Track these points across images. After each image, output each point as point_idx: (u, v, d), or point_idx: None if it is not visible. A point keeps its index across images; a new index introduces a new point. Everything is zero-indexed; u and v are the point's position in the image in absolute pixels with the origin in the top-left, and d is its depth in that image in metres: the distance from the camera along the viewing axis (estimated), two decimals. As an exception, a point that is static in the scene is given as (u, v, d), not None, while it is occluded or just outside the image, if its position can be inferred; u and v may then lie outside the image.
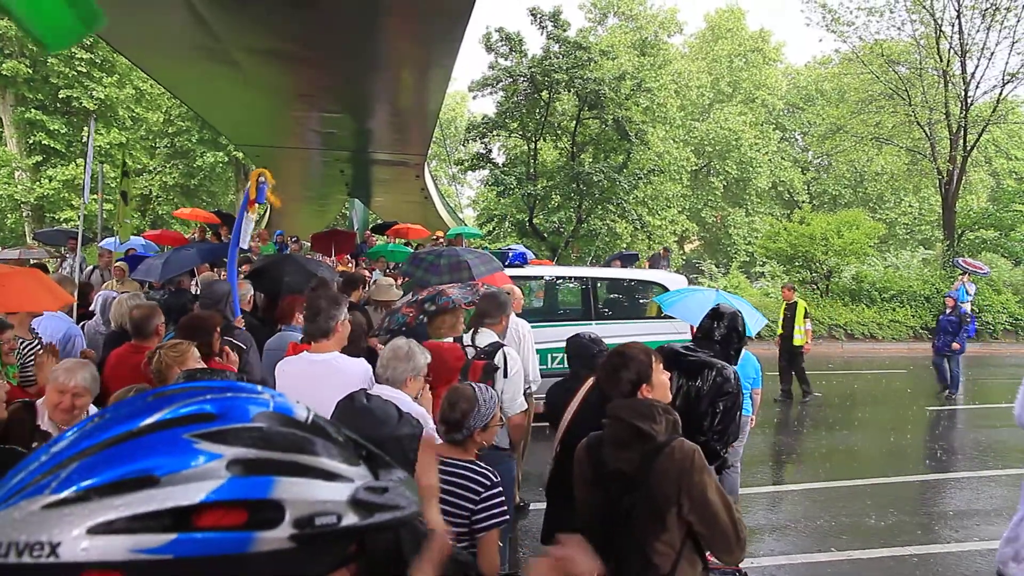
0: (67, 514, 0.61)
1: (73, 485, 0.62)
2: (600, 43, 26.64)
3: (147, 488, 0.62)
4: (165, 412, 0.68)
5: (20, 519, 0.61)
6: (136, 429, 0.67)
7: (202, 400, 0.70)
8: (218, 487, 0.63)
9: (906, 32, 23.19)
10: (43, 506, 0.61)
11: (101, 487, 0.62)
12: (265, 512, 0.65)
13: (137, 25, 8.77)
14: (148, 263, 7.23)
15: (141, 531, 0.61)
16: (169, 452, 0.64)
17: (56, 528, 0.61)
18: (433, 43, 9.10)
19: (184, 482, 0.63)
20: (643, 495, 2.15)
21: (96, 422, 0.70)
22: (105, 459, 0.64)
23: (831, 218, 20.68)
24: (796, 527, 5.96)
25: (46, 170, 23.14)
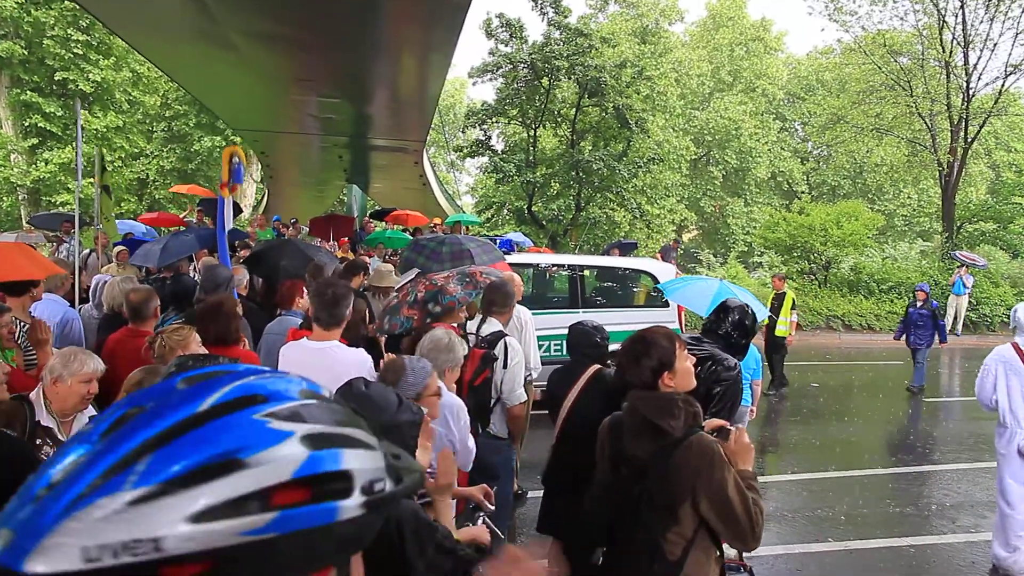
0: (159, 507, 0.60)
1: (158, 477, 0.61)
2: (601, 30, 26.45)
3: (236, 471, 0.63)
4: (217, 396, 0.68)
5: (105, 518, 0.59)
6: (198, 414, 0.66)
7: (247, 383, 0.71)
8: (303, 463, 0.66)
9: (909, 22, 23.08)
10: (129, 502, 0.60)
11: (188, 475, 0.62)
12: (340, 483, 0.68)
13: (134, 7, 8.69)
14: (146, 248, 7.20)
15: (243, 513, 0.62)
16: (247, 434, 0.65)
17: (153, 522, 0.60)
18: (433, 28, 9.02)
19: (271, 461, 0.64)
20: (656, 486, 2.12)
21: (137, 412, 0.68)
22: (181, 447, 0.64)
23: (830, 209, 20.65)
24: (794, 517, 5.98)
25: (42, 153, 22.98)
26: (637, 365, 2.31)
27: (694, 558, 2.13)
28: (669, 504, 2.10)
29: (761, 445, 8.02)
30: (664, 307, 8.31)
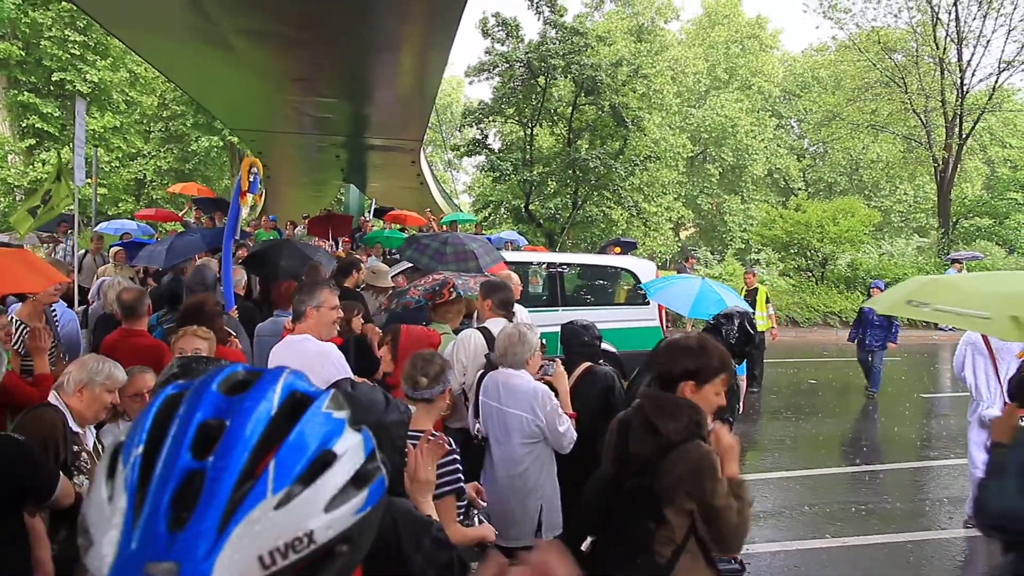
0: (298, 505, 0.67)
1: (287, 480, 0.68)
2: (597, 29, 26.48)
3: (335, 461, 0.72)
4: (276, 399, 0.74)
5: (263, 526, 0.65)
6: (277, 418, 0.72)
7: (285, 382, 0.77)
8: (365, 443, 0.77)
9: (903, 19, 23.14)
10: (275, 506, 0.66)
11: (307, 473, 0.69)
12: (376, 459, 0.78)
13: (131, 7, 8.69)
14: (150, 249, 7.17)
15: (351, 496, 0.71)
16: (326, 427, 0.74)
17: (301, 519, 0.67)
18: (429, 26, 9.03)
19: (351, 448, 0.74)
20: (647, 484, 2.13)
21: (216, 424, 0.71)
22: (290, 450, 0.70)
23: (826, 206, 20.68)
24: (791, 514, 6.00)
25: (39, 153, 22.94)
26: (674, 359, 2.30)
27: (684, 564, 2.12)
28: (657, 504, 2.11)
29: (758, 442, 8.05)
30: (645, 305, 8.29)
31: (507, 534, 3.24)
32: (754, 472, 6.97)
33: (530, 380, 3.37)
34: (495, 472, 3.41)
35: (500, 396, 3.40)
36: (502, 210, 24.12)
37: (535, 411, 3.27)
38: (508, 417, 3.34)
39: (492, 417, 3.43)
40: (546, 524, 3.33)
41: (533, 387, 3.34)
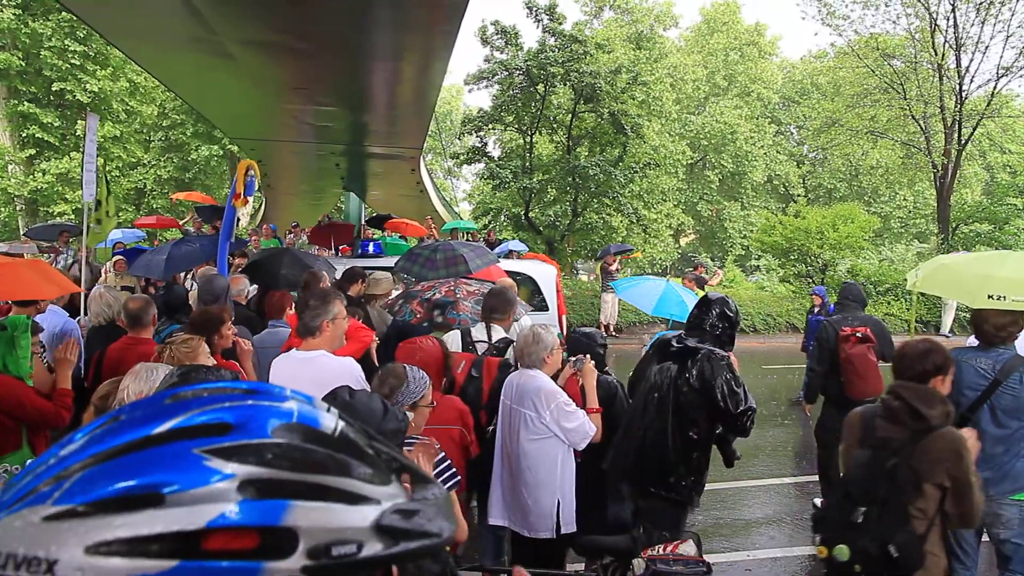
0: (65, 529, 0.57)
1: (74, 498, 0.58)
2: (596, 36, 26.57)
3: (151, 507, 0.58)
4: (179, 419, 0.63)
5: (21, 529, 0.57)
6: (145, 438, 0.62)
7: (220, 408, 0.65)
8: (226, 511, 0.58)
9: (901, 26, 23.18)
10: (44, 517, 0.58)
11: (102, 502, 0.58)
12: (277, 539, 0.60)
13: (131, 17, 8.72)
14: (148, 259, 7.16)
15: (142, 554, 0.57)
16: (177, 468, 0.59)
17: (54, 544, 0.56)
18: (429, 35, 9.07)
19: (191, 503, 0.58)
20: (904, 464, 2.51)
21: (108, 424, 0.66)
22: (109, 471, 0.60)
23: (826, 212, 20.68)
24: (792, 520, 5.99)
25: (39, 163, 22.99)
26: (924, 360, 2.72)
27: (934, 537, 2.50)
28: (916, 480, 2.49)
29: (761, 447, 8.03)
30: (545, 311, 8.43)
31: (526, 524, 3.48)
32: (754, 479, 6.96)
33: (540, 380, 3.47)
34: (506, 467, 3.58)
35: (512, 395, 3.55)
36: (502, 218, 24.15)
37: (538, 409, 3.41)
38: (516, 415, 3.50)
39: (506, 415, 3.59)
40: (564, 519, 3.45)
41: (538, 386, 3.45)
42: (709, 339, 3.57)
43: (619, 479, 3.84)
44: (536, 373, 3.48)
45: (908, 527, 2.46)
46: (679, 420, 3.50)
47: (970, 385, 3.45)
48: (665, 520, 3.62)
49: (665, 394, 3.53)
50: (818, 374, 5.75)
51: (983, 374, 3.43)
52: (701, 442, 3.56)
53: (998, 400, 3.39)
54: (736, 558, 5.12)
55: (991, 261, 3.88)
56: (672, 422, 3.50)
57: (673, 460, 3.52)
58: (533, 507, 3.46)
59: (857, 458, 2.71)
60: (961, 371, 3.48)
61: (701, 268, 16.33)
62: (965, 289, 3.71)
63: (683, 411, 3.49)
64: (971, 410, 3.45)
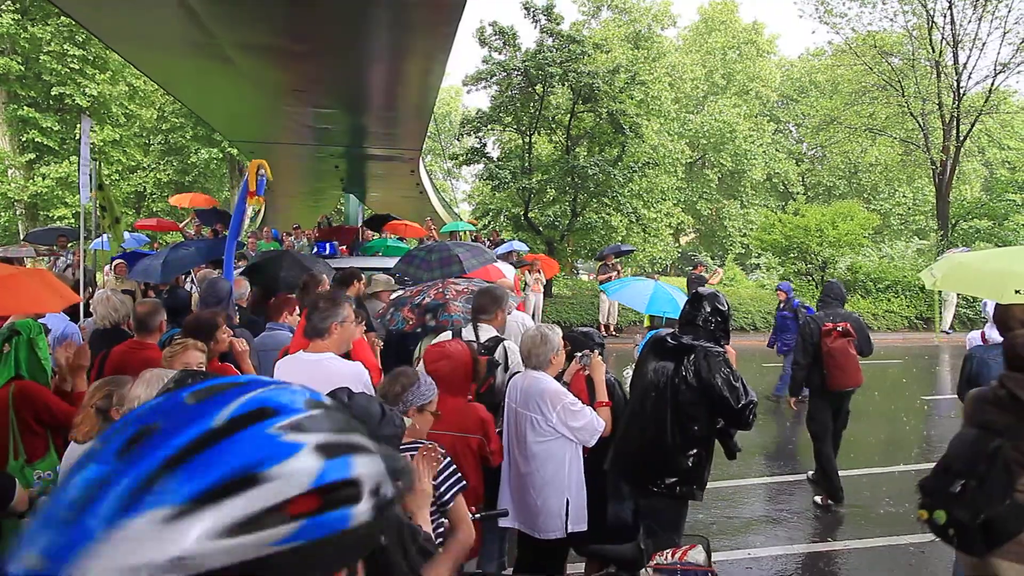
0: (191, 524, 0.61)
1: (184, 495, 0.63)
2: (594, 36, 26.56)
3: (256, 485, 0.65)
4: (229, 411, 0.70)
5: (137, 539, 0.60)
6: (213, 430, 0.68)
7: (255, 396, 0.73)
8: (318, 474, 0.68)
9: (898, 23, 23.22)
10: (160, 520, 0.61)
11: (212, 492, 0.63)
12: (351, 489, 0.70)
13: (130, 21, 8.73)
14: (145, 263, 7.19)
15: (267, 526, 0.64)
16: (263, 448, 0.67)
17: (185, 540, 0.61)
18: (426, 37, 9.07)
19: (288, 475, 0.66)
20: (1009, 445, 2.74)
21: (150, 430, 0.68)
22: (202, 464, 0.65)
23: (825, 209, 20.72)
24: (794, 518, 6.01)
25: (39, 168, 23.02)
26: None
27: None
28: (1020, 460, 2.72)
29: (759, 446, 8.05)
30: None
31: (535, 526, 3.48)
32: (757, 476, 6.98)
33: (544, 382, 3.48)
34: (514, 469, 3.60)
35: (517, 398, 3.57)
36: (502, 218, 24.15)
37: (544, 412, 3.43)
38: (522, 418, 3.52)
39: (511, 418, 3.62)
40: (572, 518, 3.47)
41: (542, 389, 3.46)
42: (703, 334, 3.59)
43: (619, 478, 3.85)
44: (540, 375, 3.50)
45: (1010, 501, 2.71)
46: (678, 417, 3.52)
47: None
48: (666, 518, 3.64)
49: (663, 392, 3.55)
50: (802, 367, 6.11)
51: None
52: (702, 438, 3.58)
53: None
54: (737, 556, 5.14)
55: (1008, 257, 3.90)
56: (671, 419, 3.52)
57: (673, 457, 3.54)
58: (542, 507, 3.47)
59: (963, 436, 2.99)
60: (989, 369, 3.54)
61: (701, 267, 16.34)
62: (988, 286, 3.75)
63: (682, 408, 3.51)
64: None
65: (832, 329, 5.97)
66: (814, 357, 6.01)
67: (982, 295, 4.85)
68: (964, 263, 4.24)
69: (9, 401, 3.40)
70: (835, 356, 5.93)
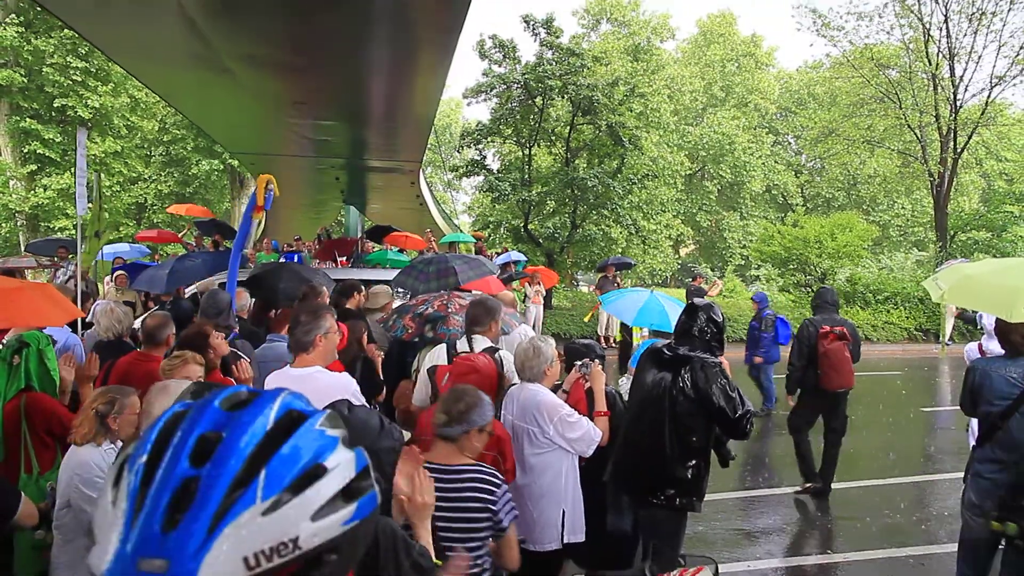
0: (285, 513, 0.71)
1: (277, 488, 0.73)
2: (593, 49, 26.73)
3: (325, 474, 0.76)
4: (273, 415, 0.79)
5: (249, 530, 0.70)
6: (274, 432, 0.77)
7: (282, 401, 0.82)
8: (356, 460, 0.81)
9: (895, 36, 23.38)
10: (263, 512, 0.71)
11: (298, 482, 0.74)
12: (369, 475, 0.82)
13: (132, 34, 8.81)
14: (150, 273, 7.19)
15: (339, 507, 0.76)
16: (318, 443, 0.78)
17: (287, 525, 0.71)
18: (427, 51, 9.14)
19: (342, 463, 0.79)
20: None
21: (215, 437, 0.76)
22: (282, 461, 0.75)
23: (824, 221, 20.77)
24: (792, 529, 6.00)
25: (40, 179, 23.10)
26: None
27: None
28: None
29: (760, 458, 8.04)
30: None
31: (531, 537, 3.44)
32: (754, 488, 6.96)
33: (541, 394, 3.47)
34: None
35: (513, 410, 3.55)
36: (502, 230, 24.22)
37: (540, 424, 3.42)
38: (519, 430, 3.50)
39: (508, 430, 3.58)
40: (568, 528, 3.47)
41: (538, 401, 3.45)
42: (699, 345, 3.61)
43: (619, 489, 3.86)
44: (536, 387, 3.49)
45: None
46: (676, 428, 3.53)
47: (1001, 394, 3.52)
48: (666, 529, 3.64)
49: (660, 403, 3.56)
50: (798, 368, 6.42)
51: (1014, 383, 3.50)
52: (700, 449, 3.59)
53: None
54: (736, 568, 5.12)
55: (1013, 272, 3.85)
56: (669, 430, 3.53)
57: (672, 468, 3.54)
58: (538, 519, 3.45)
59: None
60: (992, 381, 3.54)
61: (700, 279, 16.35)
62: (998, 302, 3.71)
63: (680, 419, 3.52)
64: (1003, 418, 3.50)
65: (829, 332, 6.31)
66: (809, 359, 6.33)
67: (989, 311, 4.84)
68: (971, 276, 4.19)
69: (21, 413, 3.41)
70: (831, 357, 6.27)
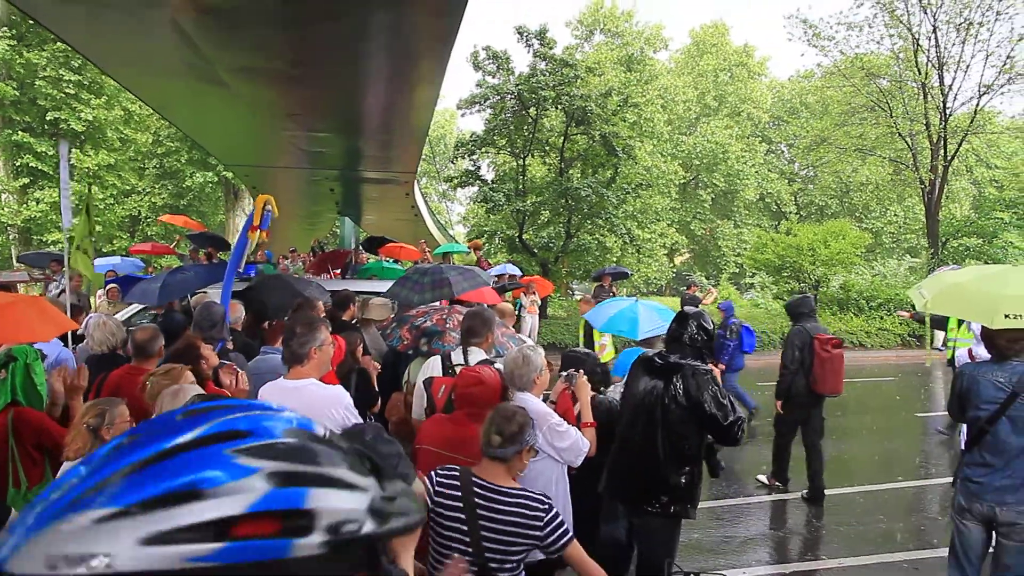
0: (120, 526, 0.65)
1: (124, 499, 0.67)
2: (587, 60, 26.89)
3: (194, 501, 0.67)
4: (201, 430, 0.73)
5: (69, 533, 0.65)
6: (176, 446, 0.71)
7: (234, 418, 0.76)
8: (259, 499, 0.69)
9: (885, 46, 23.59)
10: (94, 520, 0.66)
11: (151, 500, 0.67)
12: (300, 521, 0.70)
13: (125, 47, 8.82)
14: (143, 286, 7.17)
15: (191, 541, 0.66)
16: (212, 467, 0.69)
17: (109, 540, 0.65)
18: (420, 62, 9.19)
19: (228, 494, 0.68)
20: None
21: (128, 441, 0.74)
22: (152, 475, 0.69)
23: (817, 229, 20.88)
24: (787, 536, 6.01)
25: (33, 192, 23.05)
26: None
27: None
28: None
29: (754, 464, 8.04)
30: None
31: None
32: (749, 495, 6.97)
33: (529, 403, 3.42)
34: None
35: None
36: (496, 240, 24.26)
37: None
38: None
39: None
40: None
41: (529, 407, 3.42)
42: (689, 352, 3.64)
43: (613, 498, 3.86)
44: (525, 396, 3.48)
45: None
46: (669, 436, 3.55)
47: (988, 399, 3.55)
48: (660, 537, 3.65)
49: (653, 410, 3.58)
50: (791, 372, 6.61)
51: (1000, 387, 3.53)
52: (693, 456, 3.61)
53: (1017, 411, 3.49)
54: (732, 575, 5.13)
55: (999, 280, 3.89)
56: (662, 437, 3.54)
57: (665, 476, 3.56)
58: None
59: None
60: (979, 386, 3.58)
61: (694, 287, 16.37)
62: (980, 309, 3.76)
63: (672, 427, 3.54)
64: (990, 422, 3.54)
65: (829, 339, 6.58)
66: (801, 363, 6.56)
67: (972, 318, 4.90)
68: (954, 284, 4.24)
69: (8, 427, 3.40)
70: (833, 363, 6.48)
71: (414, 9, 7.57)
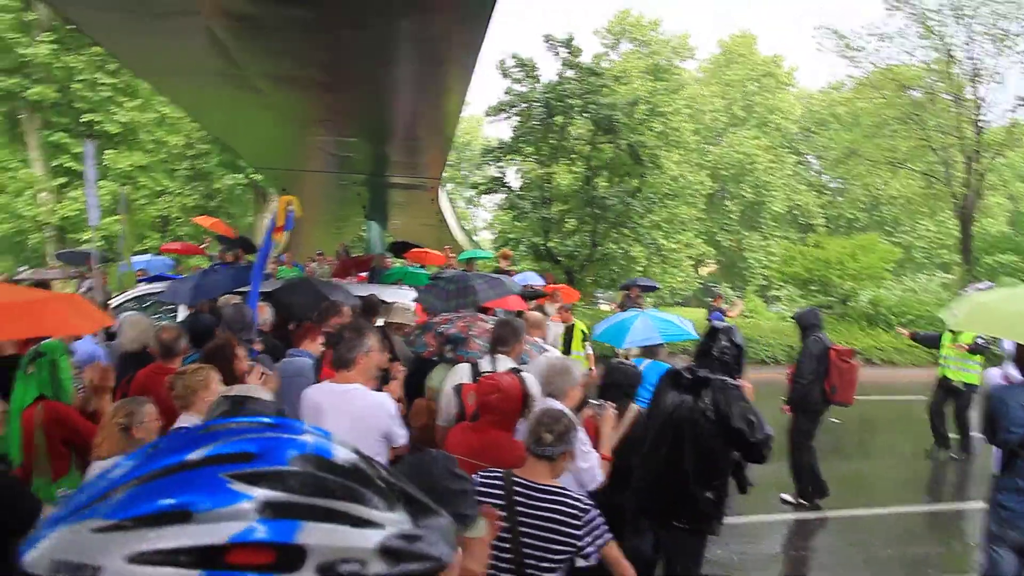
0: (111, 540, 0.64)
1: (119, 513, 0.66)
2: (614, 68, 26.88)
3: (182, 523, 0.65)
4: (210, 448, 0.71)
5: (73, 540, 0.66)
6: (179, 464, 0.70)
7: (245, 439, 0.73)
8: (245, 528, 0.65)
9: (917, 57, 23.27)
10: (93, 529, 0.65)
11: (142, 517, 0.65)
12: (289, 555, 0.66)
13: (160, 53, 8.98)
14: (175, 285, 7.26)
15: (173, 564, 0.64)
16: (205, 490, 0.67)
17: (100, 553, 0.64)
18: (448, 69, 9.23)
19: (216, 520, 0.65)
20: None
21: (150, 451, 0.74)
22: (149, 491, 0.67)
23: (845, 242, 20.61)
24: (811, 557, 5.90)
25: (68, 191, 23.56)
26: None
27: None
28: None
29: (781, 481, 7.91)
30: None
31: None
32: (772, 513, 6.86)
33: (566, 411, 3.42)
34: None
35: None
36: (522, 247, 24.29)
37: None
38: None
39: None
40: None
41: None
42: (718, 367, 3.60)
43: (639, 512, 3.82)
44: (555, 404, 3.43)
45: None
46: (697, 451, 3.51)
47: (1019, 422, 3.48)
48: (686, 552, 3.61)
49: (681, 426, 3.54)
50: (808, 381, 6.75)
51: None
52: (721, 471, 3.56)
53: None
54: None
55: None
56: (689, 453, 3.50)
57: (692, 491, 3.51)
58: None
59: None
60: (1008, 408, 3.52)
61: (720, 299, 16.18)
62: (1014, 329, 3.74)
63: (700, 441, 3.50)
64: (1023, 446, 3.46)
65: (846, 350, 6.86)
66: (817, 373, 6.72)
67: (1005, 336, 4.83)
68: (985, 304, 4.23)
69: (38, 420, 3.46)
70: (851, 375, 6.76)
71: (441, 17, 7.61)
